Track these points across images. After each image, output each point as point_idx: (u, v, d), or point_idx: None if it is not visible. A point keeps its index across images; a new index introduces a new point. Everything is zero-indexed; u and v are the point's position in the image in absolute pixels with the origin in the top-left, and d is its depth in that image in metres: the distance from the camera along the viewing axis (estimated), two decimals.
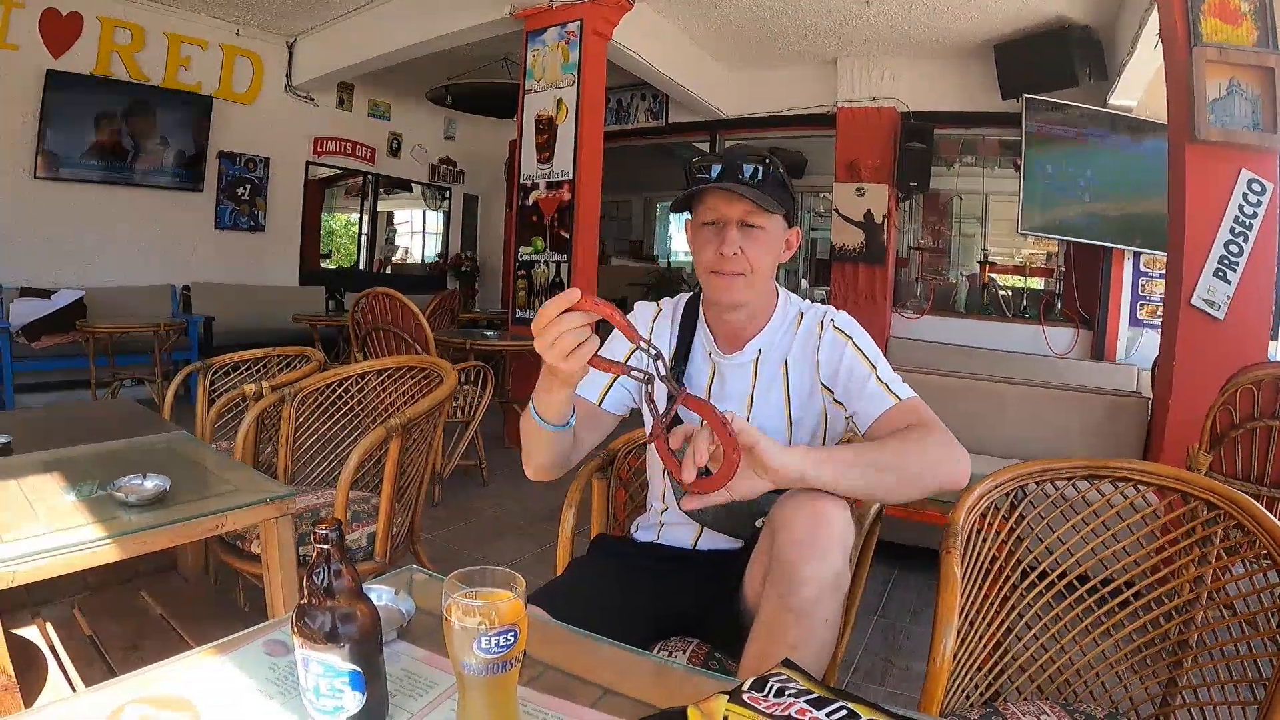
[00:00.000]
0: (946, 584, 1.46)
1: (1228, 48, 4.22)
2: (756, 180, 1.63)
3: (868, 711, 0.91)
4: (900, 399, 1.62)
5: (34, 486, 1.87)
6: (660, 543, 1.85)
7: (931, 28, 7.27)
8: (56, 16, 7.07)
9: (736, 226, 1.64)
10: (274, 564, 1.98)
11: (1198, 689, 1.56)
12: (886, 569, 4.03)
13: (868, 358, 1.66)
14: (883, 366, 1.66)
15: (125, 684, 1.03)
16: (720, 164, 1.66)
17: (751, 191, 1.60)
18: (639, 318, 1.88)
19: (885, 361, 1.68)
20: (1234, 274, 4.24)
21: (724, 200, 1.64)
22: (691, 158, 1.71)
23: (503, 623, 0.89)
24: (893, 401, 1.61)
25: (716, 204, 1.65)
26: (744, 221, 1.64)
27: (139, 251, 8.00)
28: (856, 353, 1.67)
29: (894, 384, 1.64)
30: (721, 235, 1.64)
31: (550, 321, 1.24)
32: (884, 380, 1.64)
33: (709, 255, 1.66)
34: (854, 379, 1.65)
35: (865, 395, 1.63)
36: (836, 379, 1.68)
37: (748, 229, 1.64)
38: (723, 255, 1.63)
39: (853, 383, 1.65)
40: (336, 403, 3.04)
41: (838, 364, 1.68)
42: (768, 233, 1.66)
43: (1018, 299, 8.70)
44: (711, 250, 1.65)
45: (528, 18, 6.49)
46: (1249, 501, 1.47)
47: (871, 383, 1.63)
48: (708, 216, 1.67)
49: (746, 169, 1.63)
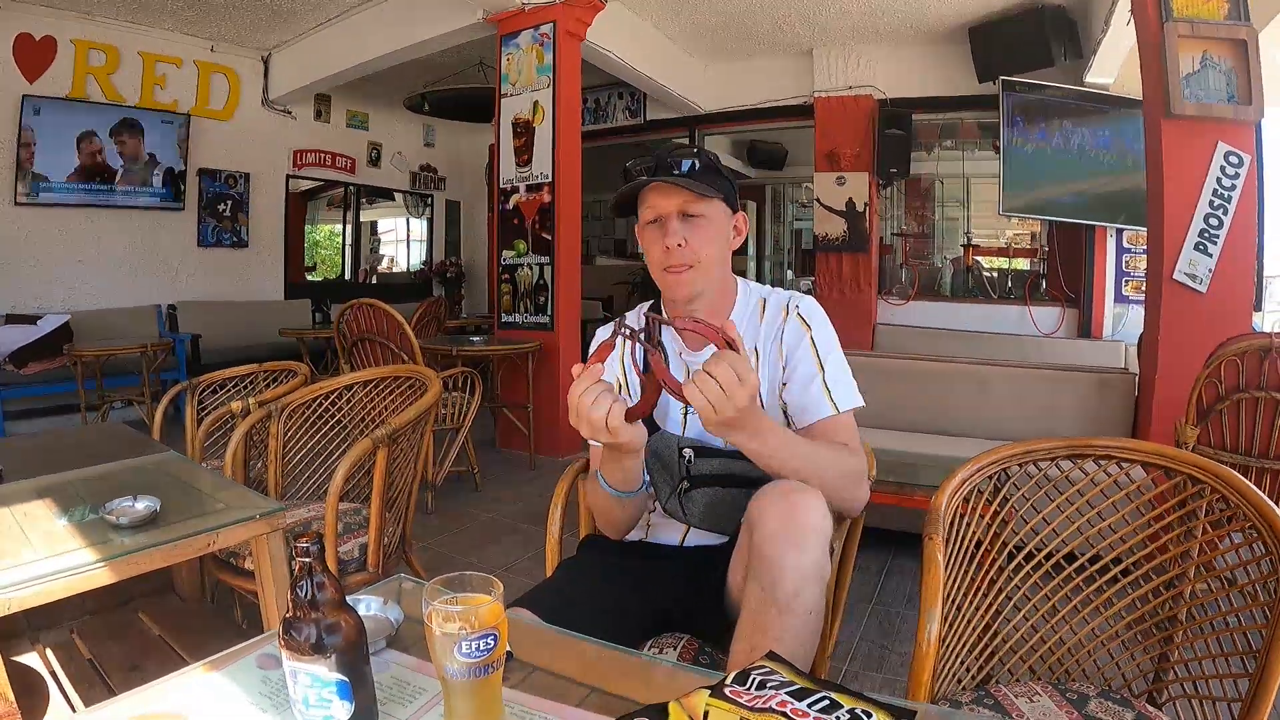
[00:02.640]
0: (929, 568, 1.47)
1: (1199, 21, 4.24)
2: (689, 172, 1.66)
3: (850, 700, 0.92)
4: (838, 410, 1.66)
5: (26, 513, 1.87)
6: (649, 541, 1.86)
7: (905, 13, 7.28)
8: (30, 41, 7.06)
9: (677, 219, 1.67)
10: (267, 579, 1.98)
11: (1189, 663, 1.57)
12: (880, 556, 4.05)
13: (819, 354, 1.70)
14: (832, 367, 1.69)
15: (123, 703, 1.05)
16: (653, 163, 1.70)
17: (684, 180, 1.64)
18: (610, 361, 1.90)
19: (839, 358, 1.72)
20: (1215, 247, 4.26)
21: (660, 195, 1.68)
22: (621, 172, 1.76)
23: (482, 627, 0.90)
24: (830, 412, 1.66)
25: (655, 201, 1.69)
26: (684, 212, 1.67)
27: (123, 273, 7.97)
28: (810, 349, 1.70)
29: (837, 389, 1.68)
30: (664, 229, 1.67)
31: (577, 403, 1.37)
32: (829, 384, 1.67)
33: (657, 253, 1.70)
34: (801, 375, 1.69)
35: (808, 394, 1.68)
36: (788, 366, 1.72)
37: (689, 220, 1.67)
38: (668, 249, 1.66)
39: (799, 378, 1.70)
40: (323, 416, 3.04)
41: (792, 353, 1.71)
42: (710, 220, 1.69)
43: (1003, 280, 8.73)
44: (658, 248, 1.69)
45: (500, 21, 6.49)
46: (1231, 474, 1.48)
47: (816, 385, 1.68)
48: (649, 215, 1.72)
49: (678, 164, 1.67)
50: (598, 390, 1.37)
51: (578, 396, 1.36)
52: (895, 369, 5.17)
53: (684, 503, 1.74)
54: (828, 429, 1.65)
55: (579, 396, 1.36)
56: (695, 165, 1.67)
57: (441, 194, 11.94)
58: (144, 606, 2.57)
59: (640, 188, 1.70)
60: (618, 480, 1.58)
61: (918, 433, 4.82)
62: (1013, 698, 1.52)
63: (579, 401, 1.36)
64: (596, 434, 1.39)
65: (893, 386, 5.00)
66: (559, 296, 6.41)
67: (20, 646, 2.22)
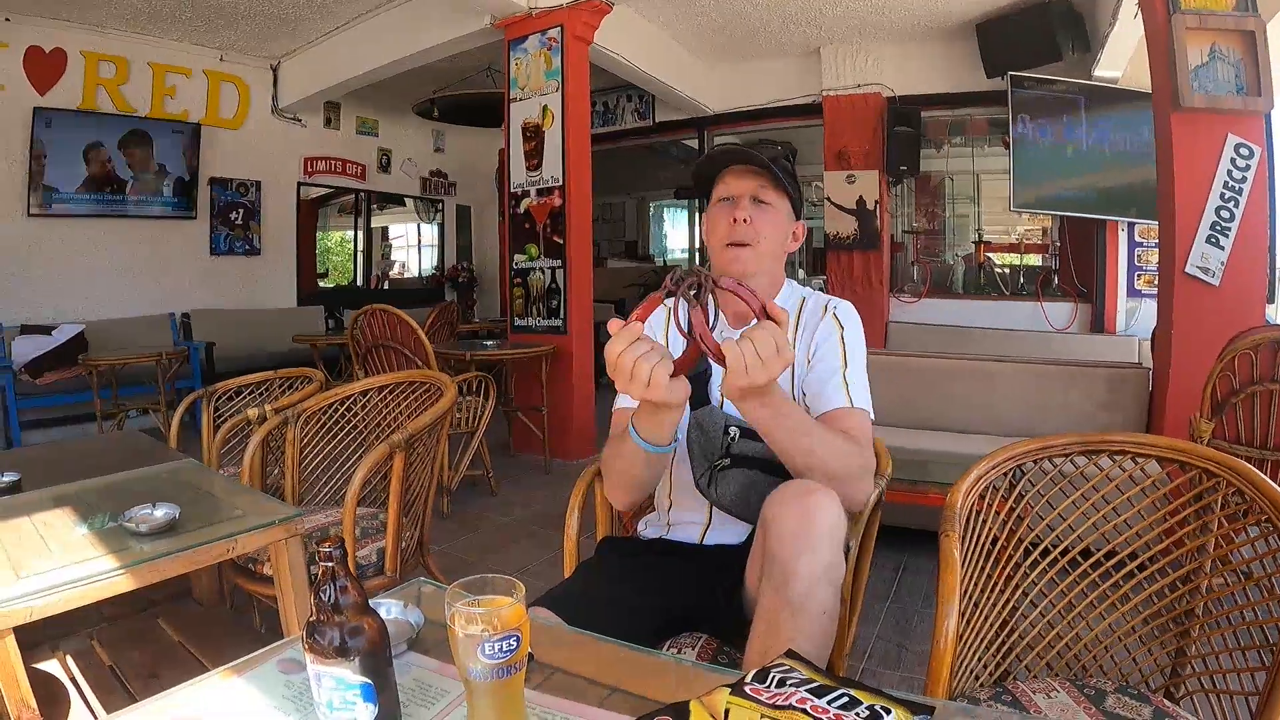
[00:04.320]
0: (946, 565, 1.48)
1: (1207, 13, 4.23)
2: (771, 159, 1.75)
3: (869, 697, 0.92)
4: (853, 405, 1.68)
5: (45, 522, 1.89)
6: (668, 538, 1.87)
7: (912, 10, 7.27)
8: (40, 54, 7.11)
9: (749, 199, 1.76)
10: (286, 584, 2.00)
11: (1206, 657, 1.56)
12: (897, 555, 4.04)
13: (845, 352, 1.73)
14: (855, 367, 1.72)
15: (145, 709, 1.05)
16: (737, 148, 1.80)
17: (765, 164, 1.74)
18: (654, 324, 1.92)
19: (862, 364, 1.74)
20: (1227, 240, 4.24)
21: (738, 177, 1.79)
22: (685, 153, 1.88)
23: (505, 628, 0.91)
24: (845, 404, 1.68)
25: (731, 181, 1.80)
26: (756, 196, 1.77)
27: (136, 282, 8.02)
28: (839, 344, 1.74)
29: (854, 387, 1.70)
30: (734, 206, 1.76)
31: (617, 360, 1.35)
32: (848, 381, 1.70)
33: (722, 228, 1.77)
34: (825, 366, 1.73)
35: (827, 384, 1.70)
36: (814, 356, 1.76)
37: (759, 204, 1.76)
38: (734, 223, 1.73)
39: (820, 367, 1.73)
40: (340, 421, 3.06)
41: (822, 344, 1.75)
42: (777, 211, 1.78)
43: (1015, 276, 8.69)
44: (724, 223, 1.77)
45: (508, 26, 6.51)
46: (1247, 468, 1.48)
47: (836, 378, 1.70)
48: (723, 193, 1.81)
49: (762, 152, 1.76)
50: (643, 347, 1.35)
51: (617, 354, 1.35)
52: (908, 366, 5.16)
53: (717, 481, 1.73)
54: (840, 419, 1.67)
55: (619, 354, 1.35)
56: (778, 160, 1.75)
57: (452, 199, 11.96)
58: (163, 613, 2.58)
59: (724, 165, 1.81)
60: (653, 435, 1.55)
61: (931, 430, 4.81)
62: (1030, 694, 1.52)
63: (620, 359, 1.34)
64: (640, 391, 1.38)
65: (905, 384, 4.99)
66: (571, 299, 6.43)
67: (41, 654, 2.23)
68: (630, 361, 1.34)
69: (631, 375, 1.35)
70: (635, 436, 1.57)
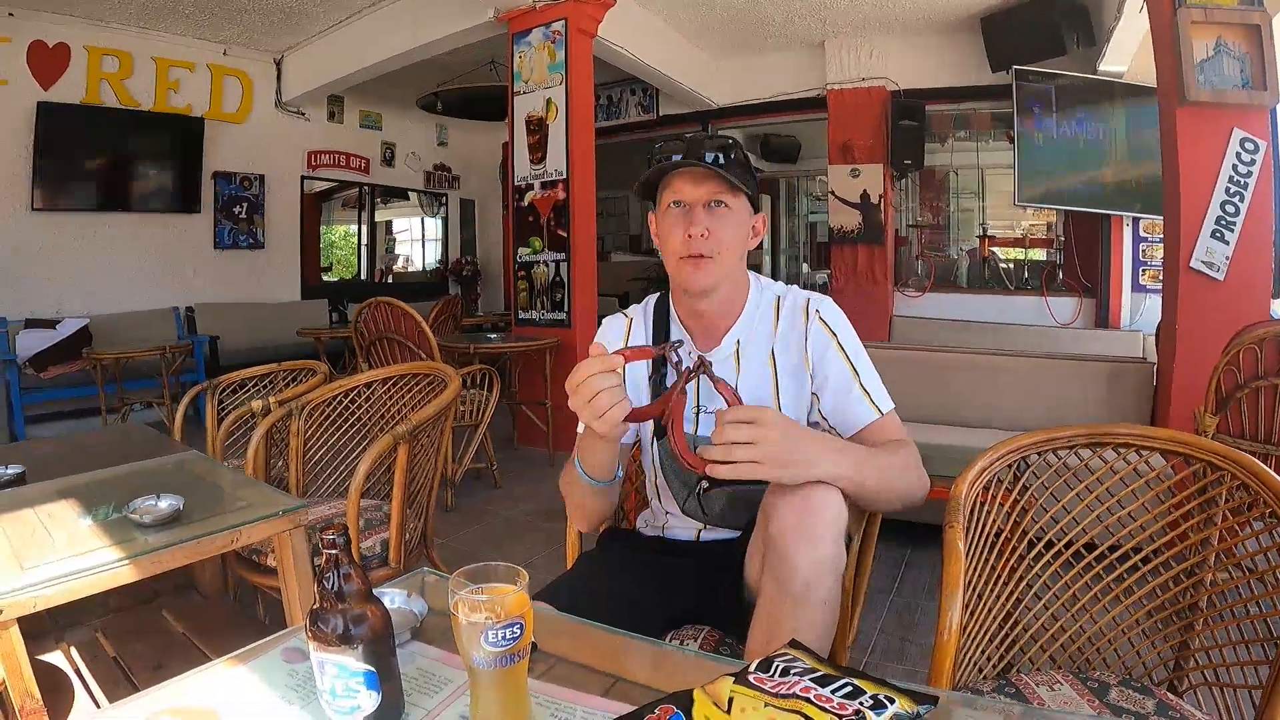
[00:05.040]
0: (950, 556, 1.48)
1: (1212, 7, 4.21)
2: (720, 163, 1.61)
3: (873, 686, 0.93)
4: (881, 413, 1.64)
5: (50, 513, 1.89)
6: (665, 536, 1.86)
7: (917, 3, 7.26)
8: (44, 48, 7.11)
9: (703, 207, 1.63)
10: (290, 575, 2.00)
11: (1210, 650, 1.56)
12: (900, 549, 4.05)
13: (851, 361, 1.67)
14: (865, 370, 1.67)
15: (151, 697, 1.06)
16: (683, 149, 1.64)
17: (719, 169, 1.60)
18: (611, 335, 1.89)
19: (866, 360, 1.69)
20: (1232, 234, 4.24)
21: (690, 182, 1.63)
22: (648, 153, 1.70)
23: (508, 616, 0.91)
24: (875, 415, 1.64)
25: (682, 186, 1.64)
26: (711, 201, 1.63)
27: (140, 276, 8.03)
28: (840, 353, 1.67)
29: (875, 393, 1.65)
30: (689, 217, 1.63)
31: (583, 381, 1.35)
32: (867, 389, 1.65)
33: (676, 240, 1.64)
34: (836, 382, 1.66)
35: (848, 402, 1.65)
36: (817, 375, 1.69)
37: (714, 209, 1.63)
38: (690, 237, 1.61)
39: (833, 386, 1.67)
40: (343, 414, 3.06)
41: (821, 360, 1.68)
42: (735, 213, 1.65)
43: (1019, 271, 8.69)
44: (679, 234, 1.63)
45: (512, 20, 6.50)
46: (1251, 460, 1.48)
47: (855, 390, 1.65)
48: (673, 197, 1.66)
49: (709, 154, 1.61)
50: (612, 380, 1.37)
51: (585, 376, 1.37)
52: (912, 360, 5.15)
53: (702, 502, 1.71)
54: (875, 432, 1.63)
55: (588, 377, 1.36)
56: (729, 156, 1.62)
57: (456, 193, 11.98)
58: (167, 605, 2.59)
59: (670, 170, 1.64)
60: (594, 466, 1.56)
61: (935, 424, 4.81)
62: (1034, 686, 1.52)
63: (588, 382, 1.36)
64: (589, 417, 1.39)
65: (909, 378, 4.98)
66: (575, 293, 6.43)
67: (46, 645, 2.24)
68: (595, 388, 1.36)
69: (590, 400, 1.37)
70: (579, 466, 1.59)
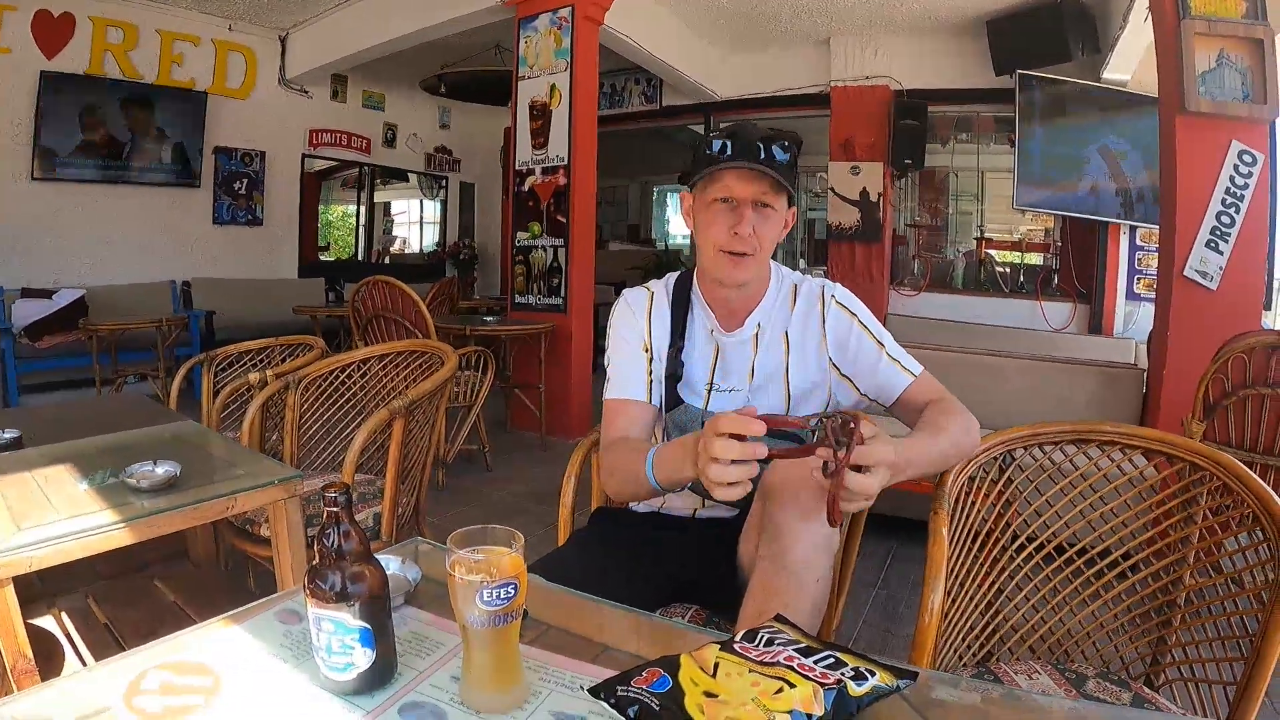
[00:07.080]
0: (934, 541, 1.51)
1: (1216, 19, 4.24)
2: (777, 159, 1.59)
3: (855, 660, 0.95)
4: (914, 375, 1.68)
5: (47, 477, 1.90)
6: (662, 512, 1.87)
7: (923, 4, 7.28)
8: (49, 18, 7.09)
9: (752, 206, 1.61)
10: (283, 545, 2.01)
11: (1186, 647, 1.59)
12: (886, 542, 4.08)
13: (874, 335, 1.70)
14: (889, 342, 1.71)
15: (145, 653, 1.06)
16: (735, 141, 1.60)
17: (772, 172, 1.57)
18: (635, 309, 1.84)
19: (888, 334, 1.73)
20: (1226, 245, 4.27)
21: (740, 179, 1.60)
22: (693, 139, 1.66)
23: (503, 576, 0.93)
24: (909, 378, 1.68)
25: (732, 182, 1.61)
26: (759, 201, 1.61)
27: (138, 249, 8.02)
28: (864, 331, 1.70)
29: (903, 359, 1.69)
30: (737, 214, 1.62)
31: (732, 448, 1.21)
32: (894, 357, 1.69)
33: (719, 233, 1.63)
34: (865, 358, 1.70)
35: (880, 374, 1.69)
36: (845, 356, 1.71)
37: (761, 209, 1.62)
38: (737, 235, 1.61)
39: (864, 362, 1.70)
40: (340, 388, 3.07)
41: (845, 342, 1.71)
42: (778, 213, 1.65)
43: (1015, 275, 8.73)
44: (723, 228, 1.63)
45: (519, 4, 6.51)
46: (1232, 461, 1.50)
47: (884, 361, 1.68)
48: (720, 193, 1.63)
49: (768, 149, 1.58)
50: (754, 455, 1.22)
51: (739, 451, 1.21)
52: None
53: None
54: (915, 395, 1.67)
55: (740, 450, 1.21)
56: (786, 157, 1.60)
57: (456, 176, 11.96)
58: (159, 574, 2.60)
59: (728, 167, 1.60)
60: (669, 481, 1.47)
61: None
62: (1013, 675, 1.55)
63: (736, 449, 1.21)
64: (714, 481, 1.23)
65: None
66: (572, 279, 6.44)
67: (37, 610, 2.24)
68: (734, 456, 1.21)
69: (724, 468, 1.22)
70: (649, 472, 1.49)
